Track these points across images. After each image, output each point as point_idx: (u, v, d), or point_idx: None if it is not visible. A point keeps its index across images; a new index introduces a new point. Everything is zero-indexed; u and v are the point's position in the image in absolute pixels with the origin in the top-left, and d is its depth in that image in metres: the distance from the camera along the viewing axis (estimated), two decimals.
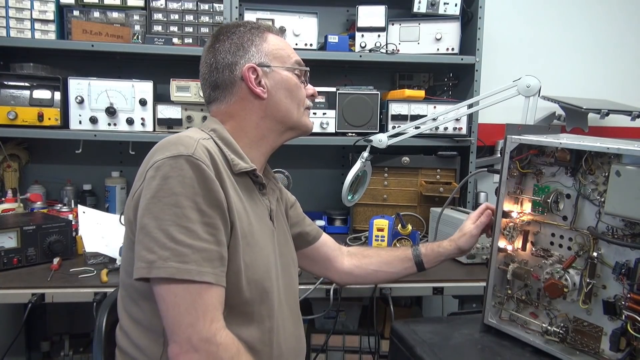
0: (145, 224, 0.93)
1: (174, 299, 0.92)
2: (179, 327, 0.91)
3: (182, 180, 0.94)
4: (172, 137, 1.03)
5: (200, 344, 0.91)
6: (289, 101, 1.17)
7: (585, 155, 1.08)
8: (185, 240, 0.92)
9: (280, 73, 1.16)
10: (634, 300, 0.98)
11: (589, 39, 2.71)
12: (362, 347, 2.18)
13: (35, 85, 2.04)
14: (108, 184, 2.30)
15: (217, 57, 1.14)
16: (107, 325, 1.17)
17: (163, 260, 0.91)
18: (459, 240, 1.45)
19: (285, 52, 1.18)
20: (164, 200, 0.93)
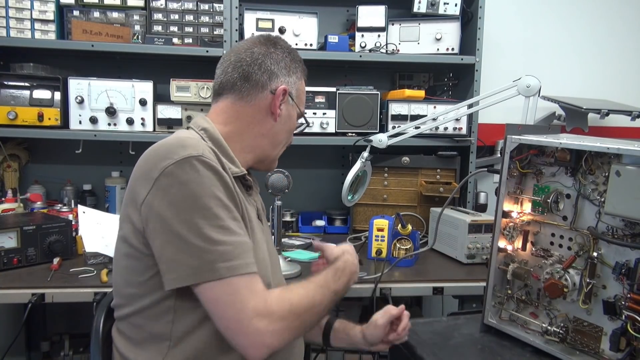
0: (178, 231, 0.92)
1: (235, 292, 0.93)
2: (243, 315, 0.92)
3: (202, 181, 0.95)
4: (172, 140, 1.01)
5: (267, 320, 0.93)
6: (284, 137, 1.22)
7: (585, 155, 1.08)
8: (224, 239, 0.94)
9: (293, 111, 1.21)
10: (634, 300, 0.98)
11: (589, 39, 2.71)
12: None
13: (35, 85, 2.04)
14: (108, 184, 2.30)
15: (266, 59, 1.15)
16: (105, 325, 1.17)
17: (210, 263, 0.92)
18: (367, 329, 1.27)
19: (303, 98, 1.26)
20: (191, 205, 0.93)
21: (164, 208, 0.94)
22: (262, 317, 0.93)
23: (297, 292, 1.00)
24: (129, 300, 1.03)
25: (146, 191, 0.96)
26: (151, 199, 0.95)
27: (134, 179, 1.01)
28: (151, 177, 0.96)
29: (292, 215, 2.35)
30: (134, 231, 0.99)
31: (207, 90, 2.09)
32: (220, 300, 0.93)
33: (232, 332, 0.94)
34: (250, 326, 0.92)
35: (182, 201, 0.93)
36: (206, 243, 0.93)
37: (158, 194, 0.94)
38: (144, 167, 0.99)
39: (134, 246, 1.00)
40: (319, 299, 1.03)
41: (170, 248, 0.94)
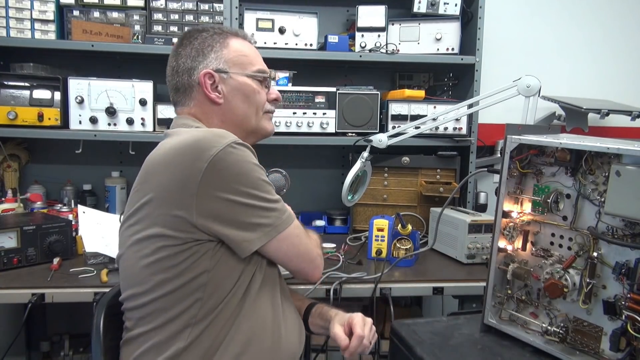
0: (247, 202, 1.06)
1: (299, 237, 1.17)
2: (310, 250, 1.20)
3: (249, 161, 1.07)
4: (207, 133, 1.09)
5: (319, 249, 1.26)
6: (245, 106, 1.23)
7: (585, 155, 1.08)
8: (277, 198, 1.13)
9: (237, 79, 1.21)
10: (634, 300, 0.98)
11: (589, 39, 2.71)
12: None
13: (35, 85, 2.04)
14: (108, 184, 2.30)
15: (178, 61, 1.21)
16: (105, 324, 1.17)
17: (279, 218, 1.11)
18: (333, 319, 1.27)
19: (247, 58, 1.23)
20: (248, 179, 1.06)
21: (224, 189, 1.04)
22: (318, 248, 1.25)
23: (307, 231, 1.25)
24: (158, 285, 1.07)
25: (196, 183, 1.02)
26: (206, 188, 1.03)
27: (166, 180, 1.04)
28: (198, 169, 1.02)
29: None
30: (178, 224, 1.04)
31: None
32: (297, 242, 1.15)
33: (306, 268, 1.19)
34: (316, 260, 1.21)
35: (237, 178, 1.05)
36: (269, 203, 1.09)
37: (213, 180, 1.03)
38: (183, 165, 1.04)
39: (172, 237, 1.05)
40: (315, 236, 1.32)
41: (244, 217, 1.06)
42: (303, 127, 2.15)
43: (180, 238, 1.05)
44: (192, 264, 1.06)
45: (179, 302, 1.06)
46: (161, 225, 1.05)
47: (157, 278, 1.07)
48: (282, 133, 2.12)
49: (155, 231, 1.06)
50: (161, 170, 1.06)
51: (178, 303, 1.06)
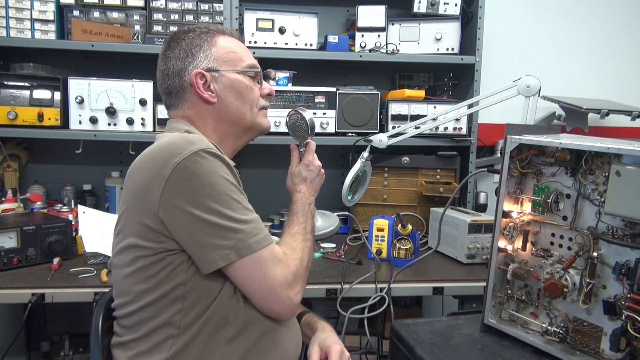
0: (207, 219, 0.99)
1: (264, 264, 1.04)
2: (276, 284, 1.05)
3: (216, 171, 1.02)
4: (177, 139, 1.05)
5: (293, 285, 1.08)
6: (240, 103, 1.21)
7: (585, 155, 1.08)
8: (247, 218, 1.04)
9: (229, 77, 1.19)
10: (634, 300, 0.98)
11: (589, 39, 2.71)
12: (362, 347, 2.18)
13: (35, 85, 2.04)
14: (108, 184, 2.29)
15: (167, 64, 1.19)
16: (104, 324, 1.18)
17: (242, 241, 1.02)
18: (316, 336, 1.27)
19: (237, 55, 1.21)
20: (212, 193, 1.00)
21: (184, 200, 0.99)
22: (290, 282, 1.07)
23: (297, 248, 1.15)
24: (138, 296, 1.05)
25: (159, 190, 0.99)
26: (168, 196, 0.99)
27: (138, 182, 1.03)
28: (163, 175, 0.99)
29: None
30: (147, 233, 1.02)
31: None
32: (254, 275, 1.03)
33: (268, 302, 1.06)
34: (282, 294, 1.06)
35: (203, 191, 0.99)
36: (235, 223, 1.01)
37: (175, 189, 0.99)
38: (151, 169, 1.01)
39: (145, 247, 1.03)
40: (309, 245, 1.20)
41: (202, 235, 1.00)
42: None
43: (152, 248, 1.02)
44: (167, 275, 1.03)
45: (159, 313, 1.04)
46: (135, 235, 1.03)
47: (137, 288, 1.05)
48: (282, 133, 2.12)
49: (131, 241, 1.04)
50: (134, 176, 1.05)
51: (159, 314, 1.04)
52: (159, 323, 1.04)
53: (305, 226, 1.24)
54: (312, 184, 1.34)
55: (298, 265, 1.11)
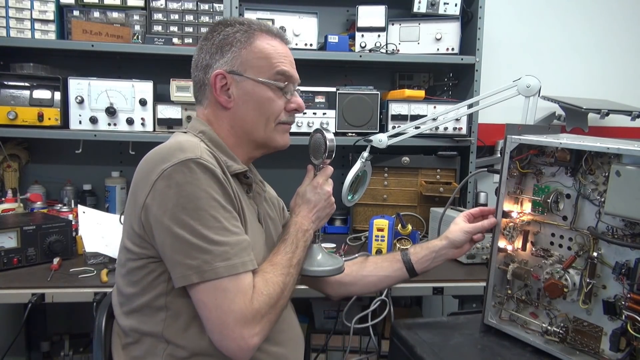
0: (178, 233, 0.94)
1: (223, 294, 0.94)
2: (229, 319, 0.94)
3: (199, 184, 0.95)
4: (172, 144, 1.01)
5: (251, 324, 0.95)
6: (256, 115, 1.11)
7: (585, 155, 1.08)
8: (222, 239, 0.95)
9: (251, 84, 1.10)
10: (634, 300, 0.98)
11: (589, 39, 2.71)
12: (362, 347, 2.18)
13: (35, 85, 2.04)
14: (108, 184, 2.30)
15: (199, 55, 1.13)
16: (107, 324, 1.18)
17: (208, 263, 0.93)
18: (450, 233, 1.32)
19: (267, 61, 1.11)
20: (188, 206, 0.94)
21: (162, 210, 0.95)
22: (247, 321, 0.95)
23: (272, 282, 1.01)
24: (129, 299, 1.05)
25: (145, 195, 0.97)
26: (150, 202, 0.96)
27: (134, 184, 1.02)
28: (150, 181, 0.96)
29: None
30: (133, 236, 1.01)
31: None
32: (208, 303, 0.95)
33: (217, 335, 0.96)
34: (234, 331, 0.94)
35: (180, 202, 0.94)
36: (205, 243, 0.94)
37: (156, 197, 0.96)
38: (144, 172, 1.00)
39: (131, 250, 1.02)
40: (288, 280, 1.05)
41: (170, 249, 0.95)
42: (303, 127, 2.15)
43: (137, 253, 1.01)
44: (150, 283, 1.01)
45: (147, 320, 1.02)
46: (127, 237, 1.03)
47: (126, 291, 1.05)
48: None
49: (124, 242, 1.04)
50: (135, 175, 1.03)
51: (146, 321, 1.02)
52: (147, 330, 1.03)
53: (291, 257, 1.08)
54: (315, 211, 1.18)
55: (264, 303, 0.98)
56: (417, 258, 1.32)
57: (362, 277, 1.35)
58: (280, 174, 1.96)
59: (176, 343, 1.01)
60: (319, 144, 1.22)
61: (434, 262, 1.32)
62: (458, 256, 1.36)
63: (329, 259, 1.22)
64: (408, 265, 1.32)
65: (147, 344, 1.03)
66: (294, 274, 1.07)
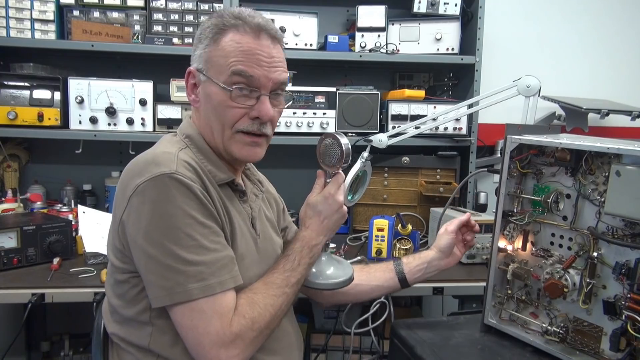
0: (151, 253, 0.91)
1: (199, 315, 0.91)
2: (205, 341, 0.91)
3: (173, 200, 0.91)
4: (148, 156, 0.98)
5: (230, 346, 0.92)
6: (214, 119, 1.02)
7: (585, 155, 1.08)
8: (196, 259, 0.91)
9: (210, 85, 1.01)
10: (634, 300, 0.98)
11: (589, 39, 2.71)
12: (362, 347, 2.18)
13: (35, 85, 2.04)
14: (108, 184, 2.30)
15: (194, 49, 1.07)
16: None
17: (181, 284, 0.90)
18: (437, 240, 1.35)
19: (226, 60, 0.99)
20: (161, 224, 0.90)
21: (136, 228, 0.92)
22: (224, 344, 0.91)
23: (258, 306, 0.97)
24: (116, 309, 1.04)
25: (122, 211, 0.95)
26: (126, 219, 0.94)
27: (115, 197, 1.00)
28: (126, 196, 0.94)
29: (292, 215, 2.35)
30: (115, 250, 1.00)
31: None
32: (184, 324, 0.92)
33: (195, 355, 0.93)
34: (210, 353, 0.91)
35: (153, 221, 0.90)
36: (179, 264, 0.90)
37: (131, 214, 0.93)
38: (122, 185, 0.97)
39: (114, 264, 1.01)
40: (281, 302, 1.01)
41: (145, 268, 0.93)
42: (303, 127, 2.15)
43: (119, 267, 0.99)
44: (134, 297, 0.99)
45: (134, 332, 1.01)
46: (111, 250, 1.02)
47: (114, 302, 1.04)
48: (282, 133, 2.12)
49: (109, 255, 1.03)
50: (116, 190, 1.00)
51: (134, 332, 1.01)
52: (134, 342, 1.01)
53: (289, 276, 1.03)
54: (326, 222, 1.11)
55: (246, 327, 0.93)
56: (409, 268, 1.32)
57: (354, 285, 1.27)
58: (280, 174, 1.97)
59: (165, 357, 0.99)
60: (332, 150, 1.14)
61: (426, 273, 1.33)
62: (449, 266, 1.37)
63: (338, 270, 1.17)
64: (400, 275, 1.32)
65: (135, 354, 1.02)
66: (289, 294, 1.03)
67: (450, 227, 1.34)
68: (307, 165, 2.52)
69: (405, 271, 1.32)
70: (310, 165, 2.59)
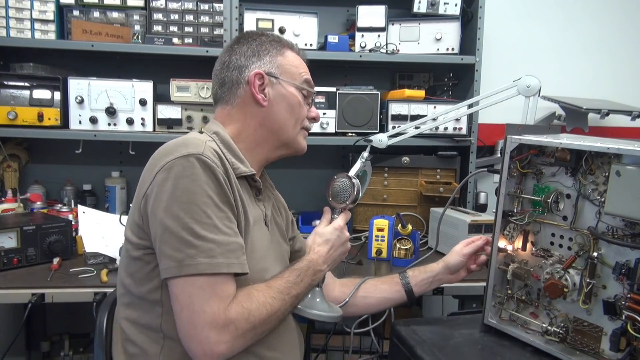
0: (167, 225, 0.95)
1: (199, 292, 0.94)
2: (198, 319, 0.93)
3: (196, 179, 0.97)
4: (179, 140, 1.05)
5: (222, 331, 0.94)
6: (287, 115, 1.19)
7: (585, 155, 1.08)
8: (209, 236, 0.96)
9: (285, 87, 1.19)
10: (634, 300, 0.98)
11: (589, 39, 2.71)
12: (362, 347, 2.18)
13: (35, 85, 2.04)
14: (108, 184, 2.30)
15: (231, 57, 1.19)
16: (108, 324, 1.18)
17: (191, 257, 0.94)
18: (447, 257, 1.41)
19: (298, 70, 1.21)
20: (181, 199, 0.96)
21: (158, 201, 0.97)
22: (217, 326, 0.94)
23: (257, 300, 1.01)
24: (127, 290, 1.07)
25: (147, 185, 1.00)
26: (149, 192, 1.00)
27: (141, 177, 1.05)
28: (153, 173, 1.00)
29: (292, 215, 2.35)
30: (133, 225, 1.04)
31: (207, 90, 2.09)
32: (184, 299, 0.94)
33: (185, 334, 0.96)
34: (202, 333, 0.93)
35: (175, 195, 0.96)
36: (192, 237, 0.95)
37: (155, 187, 0.98)
38: (150, 165, 1.04)
39: (130, 240, 1.04)
40: (278, 306, 1.04)
41: (160, 240, 0.97)
42: None
43: (135, 243, 1.03)
44: (145, 275, 1.02)
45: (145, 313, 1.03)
46: (129, 227, 1.06)
47: (126, 281, 1.06)
48: None
49: (126, 233, 1.07)
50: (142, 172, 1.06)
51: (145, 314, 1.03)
52: (145, 323, 1.03)
53: (291, 287, 1.08)
54: (332, 252, 1.19)
55: (241, 316, 0.96)
56: (415, 281, 1.39)
57: (362, 298, 1.38)
58: (279, 173, 1.98)
59: (174, 338, 1.00)
60: (345, 190, 1.23)
61: (431, 286, 1.41)
62: (453, 282, 1.43)
63: (327, 306, 1.21)
64: (407, 287, 1.38)
65: (145, 338, 1.04)
66: (287, 304, 1.06)
67: (465, 250, 1.39)
68: (307, 165, 2.52)
69: (412, 284, 1.38)
70: (309, 165, 2.60)
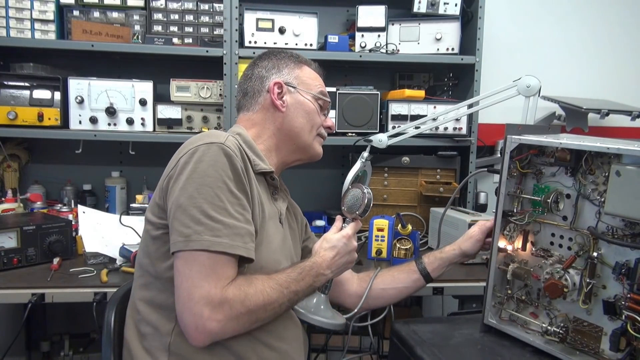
0: (181, 202, 1.02)
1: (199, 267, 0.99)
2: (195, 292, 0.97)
3: (215, 164, 1.04)
4: (204, 133, 1.14)
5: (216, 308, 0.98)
6: (304, 121, 1.29)
7: (585, 155, 1.08)
8: (218, 217, 1.01)
9: (303, 96, 1.30)
10: (634, 300, 0.98)
11: (589, 39, 2.71)
12: (362, 347, 2.19)
13: (35, 85, 2.04)
14: (108, 184, 2.30)
15: (254, 70, 1.32)
16: (116, 321, 1.20)
17: (198, 234, 0.99)
18: (463, 243, 1.43)
19: (314, 82, 1.33)
20: (197, 180, 1.03)
21: (177, 181, 1.05)
22: (212, 302, 0.97)
23: (255, 286, 1.04)
24: (144, 270, 1.12)
25: (171, 167, 1.09)
26: (172, 173, 1.08)
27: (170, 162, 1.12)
28: (178, 157, 1.09)
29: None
30: (154, 206, 1.11)
31: (207, 90, 2.09)
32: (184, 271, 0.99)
33: (180, 307, 0.99)
34: (196, 306, 0.97)
35: (192, 176, 1.03)
36: (201, 216, 1.00)
37: (177, 169, 1.06)
38: (177, 152, 1.12)
39: (150, 221, 1.11)
40: (276, 297, 1.06)
41: (173, 216, 1.03)
42: None
43: (154, 223, 1.10)
44: (162, 255, 1.07)
45: (160, 293, 1.08)
46: (149, 209, 1.13)
47: (144, 261, 1.12)
48: None
49: (147, 215, 1.13)
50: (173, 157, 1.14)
51: (159, 293, 1.08)
52: (160, 302, 1.08)
53: (291, 283, 1.09)
54: (337, 259, 1.19)
55: (237, 297, 0.99)
56: (432, 268, 1.43)
57: (381, 290, 1.43)
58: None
59: None
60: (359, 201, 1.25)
61: (446, 269, 1.45)
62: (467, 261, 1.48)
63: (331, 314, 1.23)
64: (426, 276, 1.42)
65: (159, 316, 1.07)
66: (285, 297, 1.07)
67: (481, 235, 1.41)
68: (306, 165, 2.51)
69: (429, 270, 1.43)
70: (309, 165, 2.59)
